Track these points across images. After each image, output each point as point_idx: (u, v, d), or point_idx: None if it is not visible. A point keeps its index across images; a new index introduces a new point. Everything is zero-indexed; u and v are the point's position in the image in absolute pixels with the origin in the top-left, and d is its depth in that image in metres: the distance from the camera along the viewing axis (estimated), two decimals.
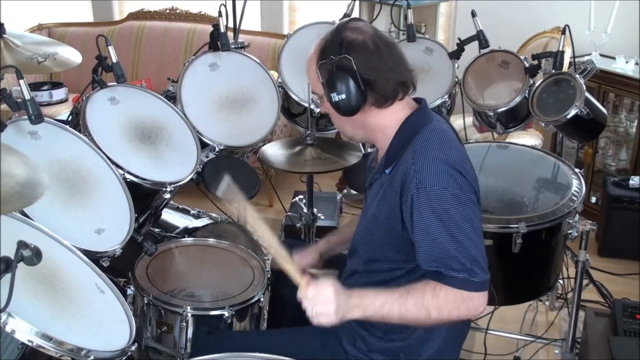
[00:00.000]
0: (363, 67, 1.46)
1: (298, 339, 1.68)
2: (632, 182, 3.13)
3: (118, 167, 1.88)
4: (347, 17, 2.51)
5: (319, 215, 2.74)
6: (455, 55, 2.54)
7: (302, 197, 2.84)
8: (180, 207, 2.54)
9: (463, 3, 3.79)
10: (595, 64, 2.50)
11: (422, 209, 1.37)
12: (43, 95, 3.95)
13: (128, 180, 1.88)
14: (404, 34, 2.61)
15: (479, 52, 2.52)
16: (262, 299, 1.89)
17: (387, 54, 1.48)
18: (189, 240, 2.15)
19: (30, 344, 1.29)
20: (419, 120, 1.50)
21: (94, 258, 1.67)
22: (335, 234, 1.95)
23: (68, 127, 1.88)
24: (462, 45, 2.51)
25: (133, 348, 1.49)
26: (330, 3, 3.75)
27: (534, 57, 2.41)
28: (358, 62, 1.46)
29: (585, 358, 2.20)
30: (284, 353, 1.48)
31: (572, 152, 3.47)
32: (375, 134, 1.56)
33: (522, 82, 2.41)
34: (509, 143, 2.67)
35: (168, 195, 1.98)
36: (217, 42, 2.38)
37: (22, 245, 1.21)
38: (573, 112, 2.21)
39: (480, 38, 2.48)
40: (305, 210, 2.69)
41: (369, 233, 1.57)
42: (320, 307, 1.39)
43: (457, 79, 2.55)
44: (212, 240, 2.16)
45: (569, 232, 2.13)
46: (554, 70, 2.34)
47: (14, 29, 1.94)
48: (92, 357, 1.35)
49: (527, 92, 2.38)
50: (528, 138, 3.33)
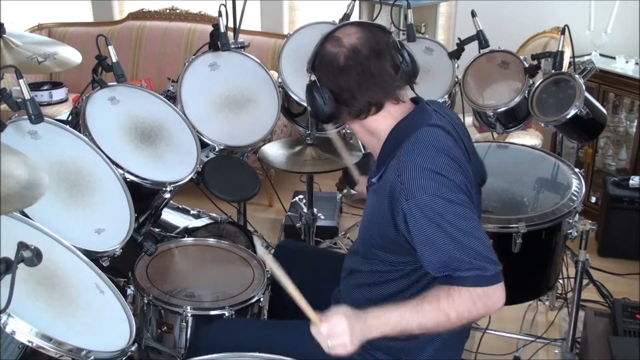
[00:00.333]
0: (329, 83, 1.47)
1: (300, 334, 1.68)
2: (632, 182, 3.13)
3: (118, 166, 1.88)
4: (347, 17, 2.51)
5: (319, 215, 2.75)
6: (455, 55, 2.54)
7: (302, 197, 2.84)
8: (180, 207, 2.54)
9: (463, 3, 3.79)
10: (595, 64, 2.50)
11: (417, 220, 1.36)
12: (43, 95, 3.94)
13: (128, 180, 1.88)
14: (404, 34, 2.60)
15: (479, 52, 2.52)
16: (262, 299, 1.89)
17: (357, 72, 1.44)
18: (189, 240, 2.16)
19: (30, 345, 1.29)
20: (409, 126, 1.48)
21: (94, 258, 1.67)
22: None
23: (68, 127, 1.88)
24: (462, 45, 2.51)
25: (133, 348, 1.49)
26: (330, 3, 3.75)
27: (534, 57, 2.41)
28: (324, 78, 1.48)
29: (585, 358, 2.20)
30: (285, 348, 1.48)
31: (572, 152, 3.47)
32: (370, 138, 1.55)
33: (521, 82, 2.41)
34: (509, 143, 2.67)
35: (168, 195, 1.98)
36: (217, 42, 2.38)
37: (22, 246, 1.21)
38: (573, 112, 2.21)
39: (480, 38, 2.48)
40: (305, 210, 2.69)
41: (367, 233, 1.57)
42: (335, 340, 1.38)
43: (457, 79, 2.55)
44: (212, 240, 2.17)
45: (569, 232, 2.13)
46: (554, 70, 2.34)
47: (14, 29, 1.94)
48: (92, 357, 1.35)
49: (526, 92, 2.38)
50: (528, 138, 3.33)
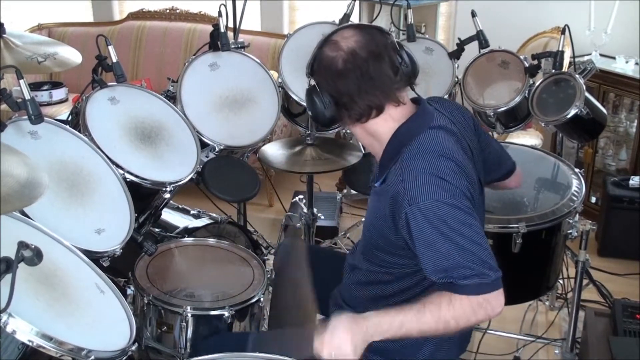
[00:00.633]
0: (328, 88, 1.47)
1: (294, 339, 1.68)
2: (632, 182, 3.13)
3: (118, 166, 1.88)
4: (347, 17, 2.51)
5: (319, 215, 2.75)
6: (455, 55, 2.54)
7: (302, 197, 2.84)
8: (180, 207, 2.54)
9: (463, 3, 3.79)
10: (595, 64, 2.50)
11: (419, 225, 1.36)
12: (43, 95, 3.94)
13: (128, 180, 1.88)
14: (404, 34, 2.61)
15: (479, 52, 2.52)
16: (262, 299, 1.89)
17: (356, 75, 1.43)
18: (189, 240, 2.15)
19: (31, 344, 1.29)
20: (411, 130, 1.47)
21: (94, 258, 1.67)
22: None
23: (68, 127, 1.88)
24: (462, 45, 2.51)
25: (133, 348, 1.49)
26: (330, 3, 3.75)
27: (534, 57, 2.41)
28: (323, 82, 1.47)
29: (585, 358, 2.20)
30: (281, 353, 1.48)
31: (572, 152, 3.47)
32: (372, 141, 1.55)
33: (522, 82, 2.41)
34: (509, 143, 2.67)
35: (168, 195, 1.98)
36: (217, 42, 2.38)
37: (22, 246, 1.21)
38: (573, 112, 2.21)
39: (480, 38, 2.48)
40: (305, 210, 2.69)
41: (369, 235, 1.58)
42: (337, 351, 1.38)
43: (457, 79, 2.55)
44: (212, 240, 2.16)
45: (569, 232, 2.13)
46: (554, 70, 2.34)
47: (14, 29, 1.93)
48: (92, 357, 1.35)
49: (527, 92, 2.38)
50: (528, 138, 3.33)
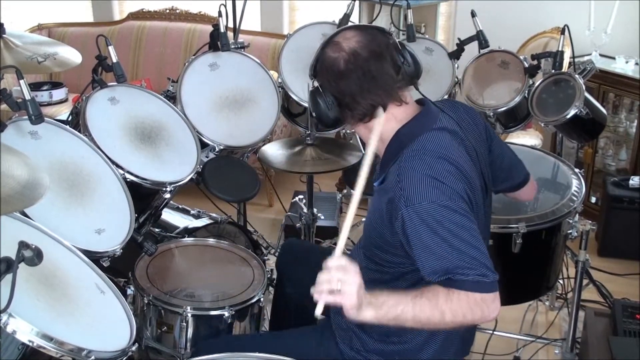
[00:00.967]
0: (331, 88, 1.48)
1: (294, 339, 1.68)
2: (632, 182, 3.13)
3: (118, 167, 1.88)
4: (347, 17, 2.51)
5: (319, 215, 2.75)
6: (455, 55, 2.54)
7: (302, 197, 2.84)
8: (180, 207, 2.54)
9: (463, 3, 3.79)
10: (595, 64, 2.50)
11: (415, 226, 1.36)
12: (43, 95, 3.94)
13: (128, 180, 1.88)
14: (404, 34, 2.60)
15: (479, 52, 2.52)
16: (262, 299, 1.89)
17: (358, 75, 1.44)
18: (189, 240, 2.16)
19: (31, 344, 1.29)
20: (412, 130, 1.48)
21: (94, 258, 1.67)
22: None
23: (68, 127, 1.88)
24: (462, 45, 2.51)
25: (133, 348, 1.49)
26: (330, 3, 3.75)
27: (534, 57, 2.41)
28: (326, 83, 1.49)
29: (585, 358, 2.20)
30: (280, 353, 1.47)
31: (572, 152, 3.47)
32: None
33: (521, 82, 2.41)
34: (509, 143, 2.65)
35: (168, 195, 1.98)
36: (217, 42, 2.38)
37: (23, 246, 1.21)
38: (572, 112, 2.21)
39: (480, 38, 2.48)
40: (305, 210, 2.69)
41: (368, 232, 1.58)
42: (346, 283, 1.31)
43: (457, 79, 2.55)
44: (212, 240, 2.17)
45: (569, 232, 2.13)
46: (554, 71, 2.34)
47: (14, 29, 1.93)
48: (92, 357, 1.35)
49: (526, 92, 2.38)
50: (528, 138, 3.33)
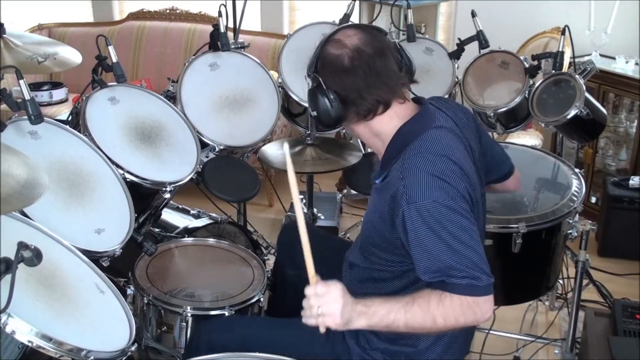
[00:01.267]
0: (335, 85, 1.46)
1: (300, 331, 1.67)
2: (632, 182, 3.12)
3: (118, 166, 1.88)
4: (347, 17, 2.51)
5: (319, 215, 2.75)
6: (455, 56, 2.54)
7: (302, 197, 2.84)
8: (180, 207, 2.54)
9: (463, 3, 3.79)
10: (595, 64, 2.50)
11: (415, 225, 1.36)
12: (43, 95, 3.94)
13: (128, 180, 1.88)
14: (404, 34, 2.61)
15: (479, 52, 2.52)
16: (262, 299, 1.89)
17: (364, 71, 1.44)
18: (189, 240, 2.16)
19: (30, 345, 1.29)
20: (414, 129, 1.47)
21: (94, 258, 1.67)
22: None
23: (68, 127, 1.88)
24: (462, 46, 2.51)
25: (133, 348, 1.49)
26: (331, 3, 3.75)
27: (534, 57, 2.41)
28: (329, 80, 1.47)
29: (585, 358, 2.20)
30: (285, 345, 1.48)
31: (572, 152, 3.47)
32: (375, 140, 1.55)
33: (522, 82, 2.41)
34: (509, 143, 2.67)
35: (168, 195, 1.98)
36: (217, 42, 2.38)
37: (22, 246, 1.21)
38: (573, 112, 2.21)
39: (480, 38, 2.48)
40: (305, 210, 2.69)
41: (367, 230, 1.58)
42: (326, 306, 1.37)
43: (457, 79, 2.55)
44: (212, 240, 2.17)
45: (569, 232, 2.13)
46: (554, 71, 2.34)
47: (14, 29, 1.93)
48: (92, 357, 1.35)
49: (527, 92, 2.38)
50: (528, 138, 3.33)
